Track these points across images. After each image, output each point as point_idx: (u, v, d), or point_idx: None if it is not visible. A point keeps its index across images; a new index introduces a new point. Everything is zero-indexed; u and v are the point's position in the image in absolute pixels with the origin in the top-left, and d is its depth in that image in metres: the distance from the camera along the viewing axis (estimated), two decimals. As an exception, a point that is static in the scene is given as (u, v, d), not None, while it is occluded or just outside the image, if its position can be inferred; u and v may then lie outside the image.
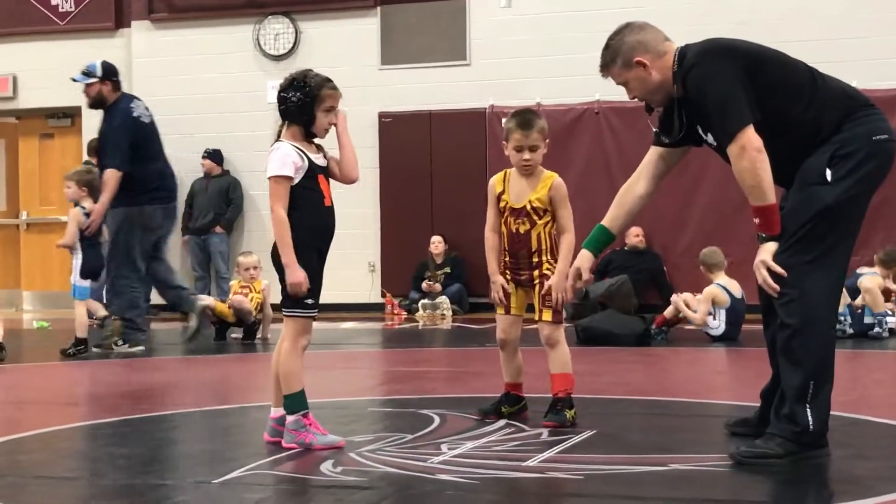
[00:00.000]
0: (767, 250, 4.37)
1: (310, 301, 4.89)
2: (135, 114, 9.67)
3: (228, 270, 14.41)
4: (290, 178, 4.84)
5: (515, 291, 5.53)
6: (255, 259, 10.56)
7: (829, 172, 4.34)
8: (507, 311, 5.54)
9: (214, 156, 14.76)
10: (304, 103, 4.88)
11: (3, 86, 15.95)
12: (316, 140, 5.00)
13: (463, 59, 14.33)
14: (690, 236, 13.49)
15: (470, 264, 13.85)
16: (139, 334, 9.71)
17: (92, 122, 15.44)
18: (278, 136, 4.98)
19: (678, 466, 4.30)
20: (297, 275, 4.80)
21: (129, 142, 9.48)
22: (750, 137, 4.31)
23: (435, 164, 14.35)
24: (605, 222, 5.07)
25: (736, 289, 10.08)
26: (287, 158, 4.85)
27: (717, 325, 10.03)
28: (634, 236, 13.45)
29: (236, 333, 10.53)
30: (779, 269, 4.31)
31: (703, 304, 10.03)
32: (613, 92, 14.11)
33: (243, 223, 15.05)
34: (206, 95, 15.04)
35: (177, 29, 15.28)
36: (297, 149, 4.89)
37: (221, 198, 14.76)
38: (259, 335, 10.42)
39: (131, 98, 10.00)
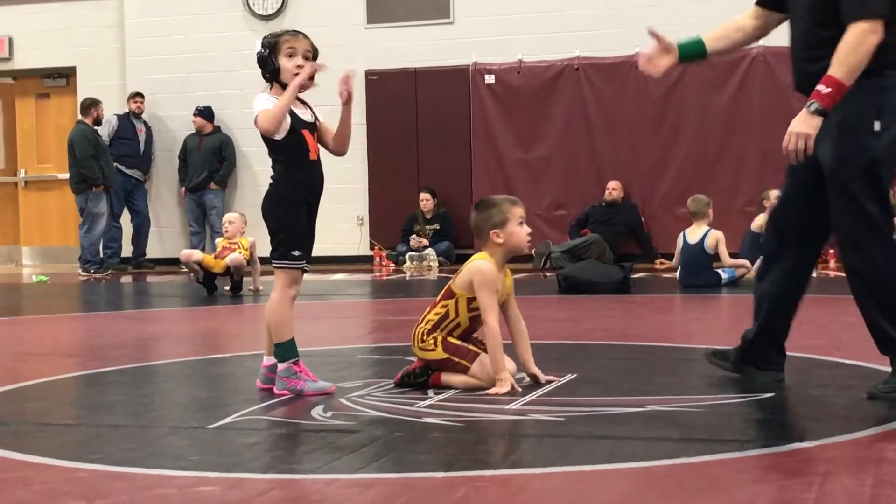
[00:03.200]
0: (812, 125, 4.22)
1: (297, 253, 4.87)
2: None
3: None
4: (268, 110, 4.76)
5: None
6: (234, 215, 10.67)
7: (877, 123, 4.27)
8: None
9: (205, 113, 14.71)
10: (265, 56, 4.86)
11: (-1, 47, 15.86)
12: (302, 96, 4.97)
13: (447, 17, 14.26)
14: (668, 187, 13.50)
15: (457, 219, 13.87)
16: None
17: (86, 82, 15.39)
18: None
19: (655, 407, 4.32)
20: (299, 78, 4.75)
21: None
22: (879, 30, 4.16)
23: (420, 120, 14.31)
24: (704, 37, 4.82)
25: (693, 236, 10.12)
26: (269, 103, 4.79)
27: (678, 268, 10.29)
28: (612, 189, 13.45)
29: (227, 286, 10.51)
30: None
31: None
32: (593, 48, 14.11)
33: (236, 179, 15.02)
34: (197, 55, 14.97)
35: (168, -10, 15.16)
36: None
37: (214, 155, 14.73)
38: (251, 287, 10.42)
39: None
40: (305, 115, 4.90)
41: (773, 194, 11.45)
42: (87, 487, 3.37)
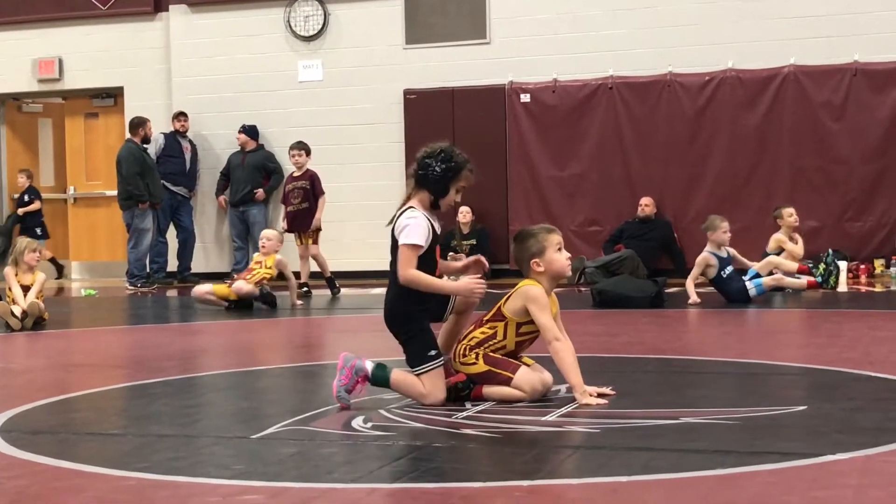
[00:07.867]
0: None
1: (433, 353, 4.85)
2: None
3: (267, 241, 14.43)
4: (421, 248, 4.86)
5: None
6: (272, 233, 10.61)
7: None
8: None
9: (250, 131, 14.75)
10: (445, 177, 4.94)
11: (49, 68, 16.00)
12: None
13: (483, 37, 14.27)
14: (700, 204, 13.43)
15: (493, 234, 13.87)
16: None
17: (133, 102, 15.52)
18: (408, 198, 5.00)
19: (689, 420, 4.30)
20: (457, 287, 4.92)
21: None
22: None
23: (457, 138, 14.27)
24: None
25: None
26: (426, 232, 4.89)
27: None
28: (645, 206, 13.40)
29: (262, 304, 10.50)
30: None
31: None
32: (627, 68, 14.09)
33: (278, 196, 15.06)
34: (241, 75, 15.04)
35: (212, 12, 15.26)
36: (429, 220, 4.94)
37: (258, 171, 14.75)
38: (292, 300, 10.44)
39: None
40: (439, 229, 4.98)
41: (787, 212, 11.32)
42: (135, 495, 3.40)
